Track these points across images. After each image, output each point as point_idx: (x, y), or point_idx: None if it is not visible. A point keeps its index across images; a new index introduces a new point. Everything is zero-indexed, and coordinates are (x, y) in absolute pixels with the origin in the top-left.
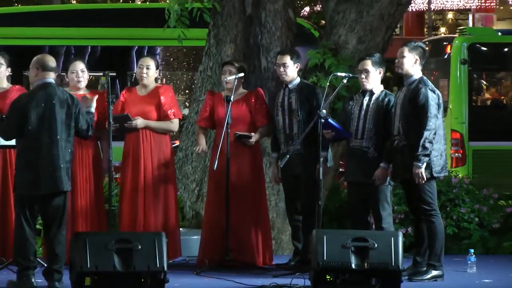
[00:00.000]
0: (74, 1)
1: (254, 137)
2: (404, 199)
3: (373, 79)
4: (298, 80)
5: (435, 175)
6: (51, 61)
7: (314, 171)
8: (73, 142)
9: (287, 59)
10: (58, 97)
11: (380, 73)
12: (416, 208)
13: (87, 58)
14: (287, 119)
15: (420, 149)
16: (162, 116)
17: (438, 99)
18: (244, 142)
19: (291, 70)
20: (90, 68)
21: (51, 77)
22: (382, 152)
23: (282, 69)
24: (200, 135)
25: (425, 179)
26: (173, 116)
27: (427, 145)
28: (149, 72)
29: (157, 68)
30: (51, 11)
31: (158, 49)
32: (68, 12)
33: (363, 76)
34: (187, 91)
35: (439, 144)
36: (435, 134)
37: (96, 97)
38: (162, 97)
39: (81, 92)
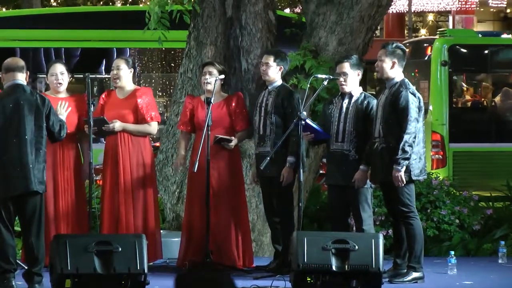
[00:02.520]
0: (55, 3)
1: (234, 141)
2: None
3: (352, 81)
4: (278, 82)
5: (414, 178)
6: (17, 62)
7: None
8: (45, 143)
9: (271, 59)
10: (27, 98)
11: (358, 75)
12: (395, 211)
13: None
14: (262, 120)
15: (399, 152)
16: (140, 119)
17: (419, 102)
18: (224, 145)
19: (273, 71)
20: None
21: (19, 77)
22: (362, 154)
23: (264, 67)
24: (181, 143)
25: (405, 182)
26: (150, 119)
27: (407, 148)
28: (120, 72)
29: (130, 68)
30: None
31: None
32: (50, 15)
33: (341, 79)
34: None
35: (418, 147)
36: (415, 137)
37: (67, 107)
38: (139, 100)
39: (62, 95)
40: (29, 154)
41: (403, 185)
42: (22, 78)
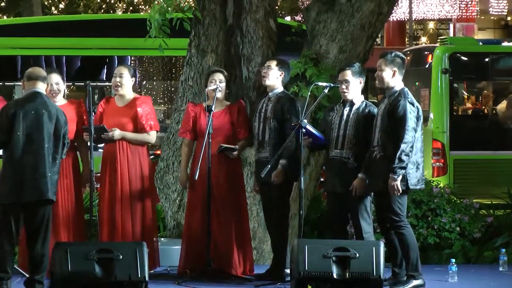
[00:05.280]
0: (56, 12)
1: (238, 150)
2: None
3: (354, 89)
4: (279, 90)
5: (411, 187)
6: (39, 71)
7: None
8: (61, 153)
9: (273, 63)
10: (47, 108)
11: (360, 82)
12: (385, 219)
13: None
14: (261, 126)
15: (396, 161)
16: (139, 128)
17: (417, 111)
18: (227, 155)
19: (273, 75)
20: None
21: (39, 86)
22: (361, 162)
23: (265, 70)
24: (184, 157)
25: (401, 192)
26: (149, 128)
27: (404, 157)
28: (123, 80)
29: (132, 76)
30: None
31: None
32: (52, 23)
33: (343, 86)
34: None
35: (416, 156)
36: (412, 147)
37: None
38: (139, 109)
39: (59, 103)
40: (47, 162)
41: (399, 193)
42: (43, 88)
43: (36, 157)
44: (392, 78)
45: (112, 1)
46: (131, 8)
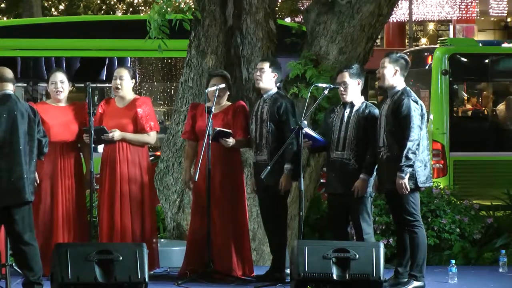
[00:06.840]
0: (56, 13)
1: (232, 139)
2: (385, 210)
3: (352, 90)
4: (274, 91)
5: (420, 185)
6: (9, 73)
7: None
8: (36, 153)
9: (266, 65)
10: (19, 108)
11: (359, 84)
12: (400, 219)
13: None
14: (258, 129)
15: (403, 159)
16: (139, 129)
17: (421, 109)
18: (222, 143)
19: (267, 77)
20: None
21: (10, 89)
22: (362, 163)
23: (258, 73)
24: (187, 159)
25: (409, 190)
26: (149, 129)
27: (410, 156)
28: (123, 82)
29: (132, 78)
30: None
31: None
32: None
33: (341, 88)
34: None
35: (423, 154)
36: (418, 145)
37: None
38: (139, 110)
39: (62, 104)
40: (23, 164)
41: (407, 192)
42: (12, 89)
43: (12, 159)
44: (393, 76)
45: (112, 2)
46: (131, 9)
